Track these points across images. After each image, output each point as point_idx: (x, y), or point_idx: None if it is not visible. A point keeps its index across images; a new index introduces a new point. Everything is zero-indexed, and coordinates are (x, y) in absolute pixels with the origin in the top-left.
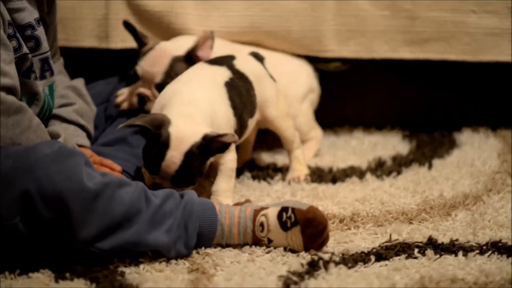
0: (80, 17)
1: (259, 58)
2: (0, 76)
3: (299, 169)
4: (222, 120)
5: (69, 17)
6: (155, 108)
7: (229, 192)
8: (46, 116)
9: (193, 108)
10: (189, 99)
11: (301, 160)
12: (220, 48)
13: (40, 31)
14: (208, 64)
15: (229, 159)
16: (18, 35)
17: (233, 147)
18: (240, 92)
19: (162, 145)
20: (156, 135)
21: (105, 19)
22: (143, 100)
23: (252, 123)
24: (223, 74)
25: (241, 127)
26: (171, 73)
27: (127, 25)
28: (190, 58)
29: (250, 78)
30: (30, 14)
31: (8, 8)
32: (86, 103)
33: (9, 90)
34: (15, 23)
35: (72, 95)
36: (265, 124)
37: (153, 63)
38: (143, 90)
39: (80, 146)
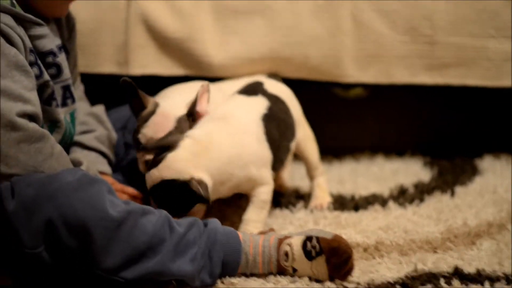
0: (99, 43)
1: (277, 78)
2: (22, 103)
3: (322, 197)
4: (250, 158)
5: (88, 43)
6: None
7: (259, 223)
8: (68, 144)
9: (209, 145)
10: (211, 135)
11: (323, 187)
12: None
13: (62, 58)
14: (244, 95)
15: (262, 191)
16: (39, 62)
17: (269, 180)
18: (279, 120)
19: (154, 163)
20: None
21: (125, 45)
22: None
23: (294, 146)
24: (260, 106)
25: (279, 156)
26: None
27: (128, 85)
28: (192, 115)
29: (285, 100)
30: (51, 41)
31: (30, 35)
32: (106, 129)
33: (31, 117)
34: (36, 50)
35: (92, 122)
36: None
37: (157, 129)
38: (149, 157)
39: (101, 173)
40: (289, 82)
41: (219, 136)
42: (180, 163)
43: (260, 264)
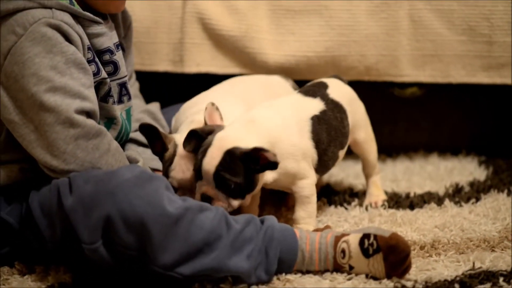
0: (155, 41)
1: (343, 80)
2: (80, 100)
3: (377, 194)
4: (289, 149)
5: (144, 41)
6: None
7: (309, 218)
8: (123, 140)
9: (254, 127)
10: (255, 119)
11: (379, 185)
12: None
13: (119, 56)
14: (303, 94)
15: (303, 186)
16: (97, 59)
17: (309, 174)
18: (330, 126)
19: (206, 146)
20: (203, 139)
21: (180, 43)
22: None
23: (343, 154)
24: (314, 106)
25: (325, 160)
26: None
27: (148, 128)
28: None
29: (344, 107)
30: (109, 39)
31: (88, 33)
32: (161, 127)
33: (89, 114)
34: (94, 47)
35: (148, 119)
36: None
37: (184, 169)
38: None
39: (155, 170)
40: None
41: (261, 121)
42: (236, 135)
43: (317, 261)
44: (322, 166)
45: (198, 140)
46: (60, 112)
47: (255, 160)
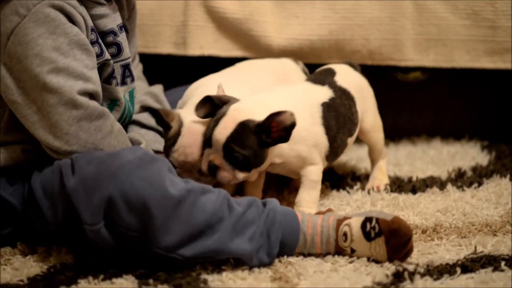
0: (158, 23)
1: (355, 67)
2: (83, 81)
3: (380, 179)
4: (302, 133)
5: (147, 23)
6: None
7: (312, 203)
8: (126, 122)
9: (267, 105)
10: (266, 101)
11: (383, 170)
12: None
13: (122, 38)
14: (311, 82)
15: (311, 171)
16: (100, 41)
17: (319, 161)
18: (339, 113)
19: (220, 115)
20: (218, 107)
21: (184, 25)
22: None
23: (351, 141)
24: (323, 94)
25: (335, 147)
26: None
27: (147, 110)
28: None
29: (352, 94)
30: (112, 20)
31: (91, 14)
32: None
33: (92, 95)
34: (98, 29)
35: (150, 101)
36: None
37: (187, 152)
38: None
39: (158, 152)
40: None
41: (273, 103)
42: (251, 108)
43: (319, 244)
44: (332, 153)
45: (212, 107)
46: (63, 93)
47: (267, 132)
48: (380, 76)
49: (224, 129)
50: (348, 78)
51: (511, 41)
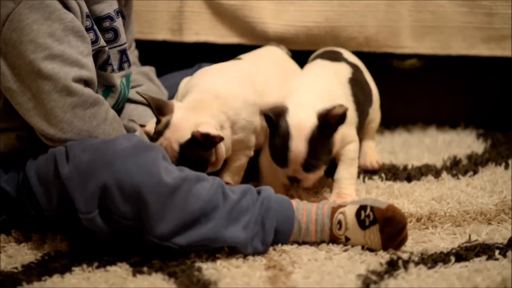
0: (154, 9)
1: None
2: (78, 68)
3: (371, 155)
4: None
5: (143, 9)
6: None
7: (351, 179)
8: (121, 106)
9: (311, 96)
10: (310, 90)
11: (373, 148)
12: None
13: (119, 23)
14: (329, 61)
15: (350, 149)
16: (95, 27)
17: (356, 138)
18: (362, 85)
19: (284, 136)
20: (276, 126)
21: (179, 11)
22: None
23: (371, 112)
24: (345, 70)
25: (361, 120)
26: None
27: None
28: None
29: (359, 66)
30: (109, 6)
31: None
32: (157, 87)
33: (86, 82)
34: (94, 14)
35: (141, 79)
36: None
37: (168, 146)
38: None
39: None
40: None
41: (314, 89)
42: (306, 115)
43: (313, 232)
44: (360, 127)
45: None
46: (58, 80)
47: (330, 126)
48: (376, 63)
49: (298, 152)
50: (353, 56)
51: (508, 28)
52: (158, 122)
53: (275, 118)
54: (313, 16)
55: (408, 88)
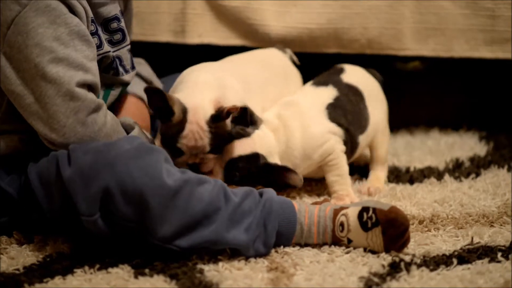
0: (157, 11)
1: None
2: (83, 72)
3: (372, 181)
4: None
5: (146, 11)
6: None
7: (341, 179)
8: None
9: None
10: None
11: (381, 178)
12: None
13: (123, 23)
14: (315, 85)
15: (329, 158)
16: (100, 32)
17: (332, 149)
18: (348, 111)
19: None
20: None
21: (182, 13)
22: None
23: (364, 139)
24: (327, 95)
25: (350, 145)
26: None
27: (153, 91)
28: (222, 113)
29: (360, 89)
30: (115, 7)
31: (94, 2)
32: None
33: (90, 87)
34: (102, 16)
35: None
36: None
37: (197, 137)
38: (192, 161)
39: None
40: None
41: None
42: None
43: (315, 234)
44: (348, 152)
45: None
46: (62, 84)
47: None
48: (379, 66)
49: None
50: (357, 76)
51: (510, 30)
52: (169, 116)
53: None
54: (315, 18)
55: (411, 90)
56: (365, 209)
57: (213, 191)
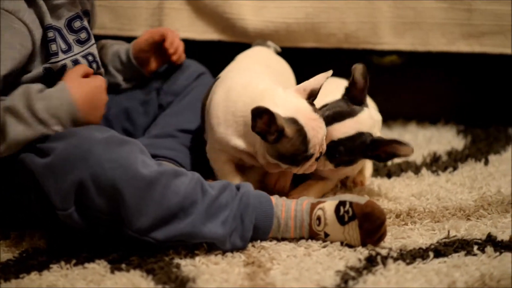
0: (134, 6)
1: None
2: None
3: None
4: None
5: (123, 6)
6: None
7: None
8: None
9: None
10: None
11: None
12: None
13: (86, 23)
14: None
15: None
16: (65, 34)
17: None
18: None
19: None
20: None
21: (159, 8)
22: None
23: None
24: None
25: None
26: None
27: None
28: (312, 96)
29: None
30: (75, 6)
31: (54, 4)
32: None
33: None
34: (62, 16)
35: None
36: None
37: (321, 137)
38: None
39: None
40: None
41: None
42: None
43: (292, 228)
44: None
45: None
46: None
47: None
48: (356, 60)
49: None
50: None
51: (487, 24)
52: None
53: None
54: (293, 12)
55: (389, 85)
56: (342, 203)
57: (190, 184)
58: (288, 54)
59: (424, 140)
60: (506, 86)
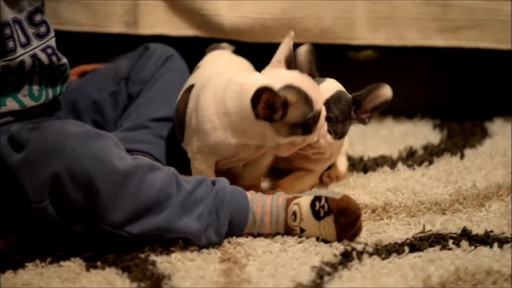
0: (109, 2)
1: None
2: None
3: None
4: None
5: (98, 2)
6: None
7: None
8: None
9: None
10: None
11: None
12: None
13: (46, 17)
14: None
15: None
16: (26, 27)
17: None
18: None
19: None
20: None
21: (134, 4)
22: None
23: None
24: None
25: None
26: None
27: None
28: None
29: None
30: (36, 0)
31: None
32: None
33: None
34: (23, 9)
35: None
36: None
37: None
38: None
39: None
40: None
41: None
42: None
43: (268, 224)
44: None
45: None
46: None
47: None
48: (332, 55)
49: None
50: None
51: (462, 19)
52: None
53: None
54: (268, 8)
55: (364, 80)
56: (317, 198)
57: (165, 178)
58: (264, 50)
59: (400, 134)
60: (482, 80)
